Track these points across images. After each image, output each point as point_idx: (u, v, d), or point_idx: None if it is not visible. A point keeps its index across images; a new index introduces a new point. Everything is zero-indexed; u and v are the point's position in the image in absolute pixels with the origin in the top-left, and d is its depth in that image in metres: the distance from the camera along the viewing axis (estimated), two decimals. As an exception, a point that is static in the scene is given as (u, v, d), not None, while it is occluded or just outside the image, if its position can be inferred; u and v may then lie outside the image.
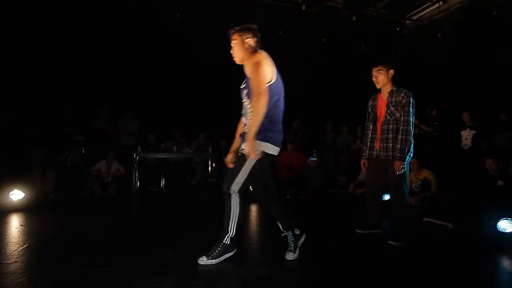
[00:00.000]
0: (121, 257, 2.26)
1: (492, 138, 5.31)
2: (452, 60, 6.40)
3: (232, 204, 2.17)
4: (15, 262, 2.15)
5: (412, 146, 2.83)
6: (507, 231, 2.90)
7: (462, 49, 6.27)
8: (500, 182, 4.08)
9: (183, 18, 6.63)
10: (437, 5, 7.02)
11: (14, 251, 2.37)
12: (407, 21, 7.92)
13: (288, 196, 5.79)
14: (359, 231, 3.19)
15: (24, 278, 1.89)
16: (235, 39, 2.26)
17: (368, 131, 3.14)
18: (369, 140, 3.12)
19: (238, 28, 2.28)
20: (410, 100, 2.82)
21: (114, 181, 5.55)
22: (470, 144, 5.16)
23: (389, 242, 2.80)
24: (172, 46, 6.59)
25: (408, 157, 2.80)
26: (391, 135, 2.88)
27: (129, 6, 6.21)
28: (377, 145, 3.00)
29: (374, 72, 3.00)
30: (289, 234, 2.40)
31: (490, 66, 5.69)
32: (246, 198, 2.20)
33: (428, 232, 3.45)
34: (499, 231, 2.94)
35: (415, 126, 5.68)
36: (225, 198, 2.20)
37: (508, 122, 5.43)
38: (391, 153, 2.85)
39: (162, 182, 6.26)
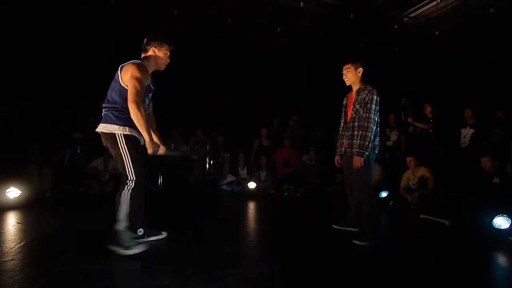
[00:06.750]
0: (119, 255, 2.25)
1: (488, 135, 5.32)
2: (449, 58, 6.41)
3: None
4: (12, 259, 2.14)
5: (374, 142, 2.81)
6: (503, 227, 2.94)
7: (459, 46, 6.28)
8: (496, 179, 4.11)
9: (180, 14, 6.58)
10: (434, 2, 7.03)
11: (11, 248, 2.36)
12: (405, 19, 7.93)
13: (285, 193, 5.80)
14: (336, 226, 3.21)
15: (21, 276, 1.88)
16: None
17: (340, 129, 3.19)
18: (340, 137, 3.16)
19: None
20: (373, 97, 2.79)
21: (112, 179, 5.52)
22: (468, 143, 5.16)
23: (353, 241, 2.71)
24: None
25: (367, 153, 2.76)
26: (356, 132, 2.88)
27: (128, 6, 6.17)
28: (345, 142, 3.02)
29: (343, 70, 3.01)
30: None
31: (486, 63, 5.70)
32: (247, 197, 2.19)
33: (425, 229, 3.48)
34: (494, 227, 2.98)
35: (410, 124, 5.73)
36: None
37: (504, 119, 5.45)
38: (354, 149, 2.86)
39: (160, 180, 6.25)
